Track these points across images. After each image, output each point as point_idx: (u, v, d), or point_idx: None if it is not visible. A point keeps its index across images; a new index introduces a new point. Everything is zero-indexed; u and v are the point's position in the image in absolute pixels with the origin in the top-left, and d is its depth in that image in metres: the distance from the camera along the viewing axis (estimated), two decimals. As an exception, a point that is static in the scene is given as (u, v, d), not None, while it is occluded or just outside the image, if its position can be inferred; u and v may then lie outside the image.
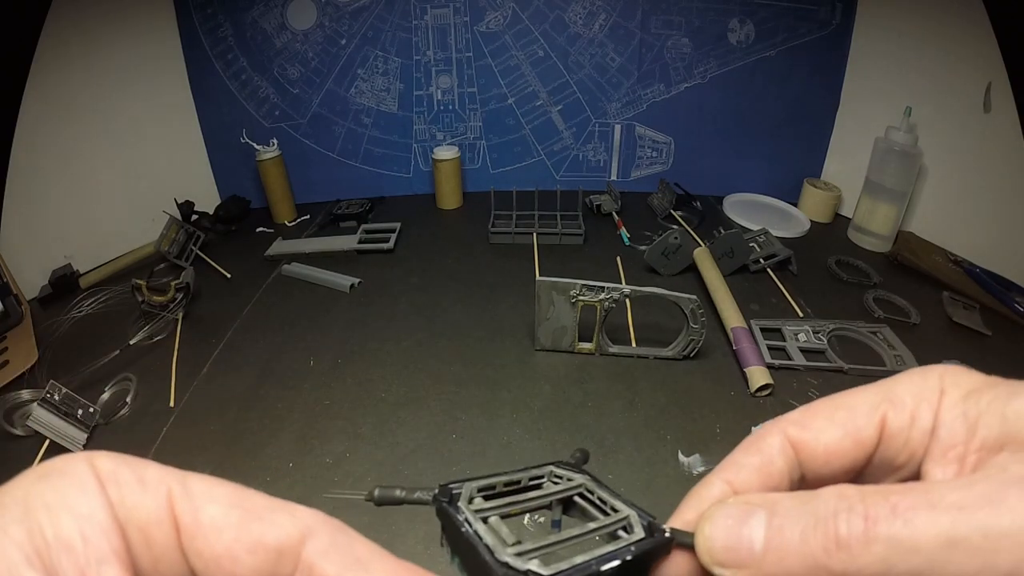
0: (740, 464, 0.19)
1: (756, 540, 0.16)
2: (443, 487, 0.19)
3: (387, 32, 0.99)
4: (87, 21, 0.82)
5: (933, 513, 0.14)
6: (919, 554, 0.13)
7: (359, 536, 0.15)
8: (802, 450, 0.18)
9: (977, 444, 0.16)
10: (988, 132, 0.79)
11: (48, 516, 0.12)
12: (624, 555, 0.17)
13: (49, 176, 0.83)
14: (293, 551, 0.14)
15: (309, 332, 0.73)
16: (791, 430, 0.18)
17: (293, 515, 0.15)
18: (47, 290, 0.82)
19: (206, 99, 0.98)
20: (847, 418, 0.18)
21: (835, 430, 0.18)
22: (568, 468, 0.21)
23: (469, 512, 0.18)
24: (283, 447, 0.56)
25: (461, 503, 0.18)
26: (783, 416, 0.19)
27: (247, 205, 1.01)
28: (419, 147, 1.09)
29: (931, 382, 0.17)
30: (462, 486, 0.19)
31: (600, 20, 0.99)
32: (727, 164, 1.08)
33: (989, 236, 0.82)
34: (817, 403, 0.19)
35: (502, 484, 0.20)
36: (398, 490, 0.20)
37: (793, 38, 0.97)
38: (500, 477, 0.20)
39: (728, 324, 0.69)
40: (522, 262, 0.87)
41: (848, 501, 0.15)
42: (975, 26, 0.77)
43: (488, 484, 0.20)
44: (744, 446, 0.19)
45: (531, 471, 0.21)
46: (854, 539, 0.14)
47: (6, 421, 0.58)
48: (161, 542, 0.13)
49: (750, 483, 0.18)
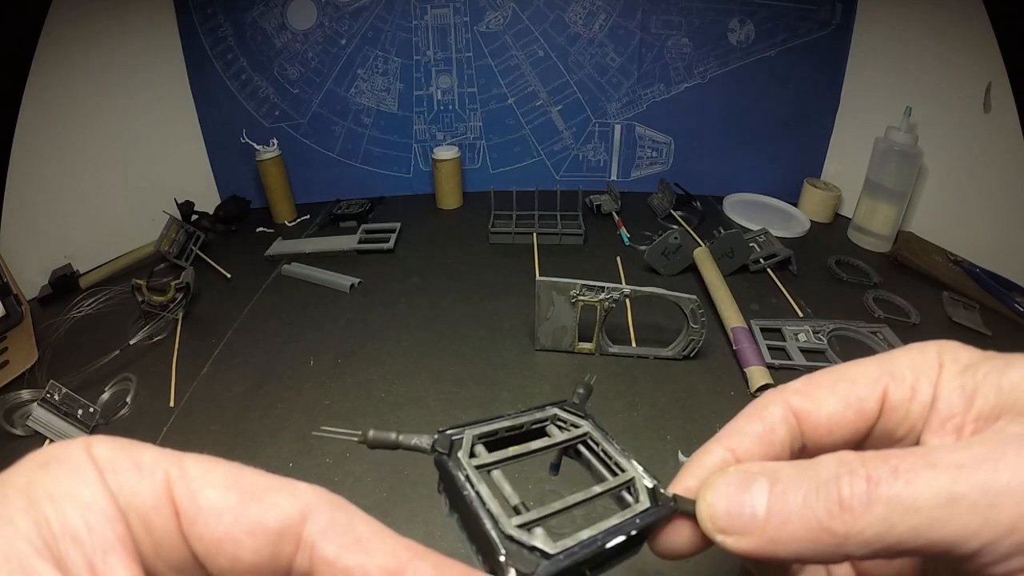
0: (742, 432, 0.19)
1: (759, 506, 0.16)
2: (442, 433, 0.18)
3: (387, 32, 0.99)
4: (87, 21, 0.82)
5: (933, 472, 0.14)
6: (920, 513, 0.14)
7: (359, 513, 0.15)
8: (804, 420, 0.18)
9: (974, 415, 0.16)
10: (988, 132, 0.79)
11: (53, 507, 0.12)
12: (629, 529, 0.17)
13: (49, 176, 0.83)
14: (294, 531, 0.14)
15: (309, 332, 0.73)
16: (794, 399, 0.18)
17: (292, 494, 0.15)
18: (47, 290, 0.82)
19: (206, 99, 0.98)
20: (849, 389, 0.18)
21: (837, 401, 0.18)
22: (572, 412, 0.21)
23: (470, 469, 0.17)
24: (283, 447, 0.56)
25: (461, 455, 0.18)
26: (785, 385, 0.19)
27: (247, 205, 1.01)
28: (419, 147, 1.09)
29: (930, 356, 0.17)
30: (462, 432, 0.18)
31: (600, 20, 0.99)
32: (727, 164, 1.08)
33: (989, 236, 0.82)
34: (819, 374, 0.19)
35: (504, 430, 0.19)
36: (394, 433, 0.19)
37: (793, 38, 0.97)
38: (503, 422, 0.19)
39: (728, 324, 0.69)
40: (522, 262, 0.87)
41: (849, 465, 0.15)
42: (975, 26, 0.77)
43: (489, 431, 0.19)
44: (746, 414, 0.19)
45: (534, 414, 0.20)
46: (856, 500, 0.14)
47: (6, 421, 0.58)
48: (161, 528, 0.13)
49: (751, 451, 0.18)
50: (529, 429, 0.20)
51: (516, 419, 0.20)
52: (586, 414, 0.21)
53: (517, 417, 0.20)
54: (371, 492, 0.51)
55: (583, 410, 0.21)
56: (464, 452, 0.18)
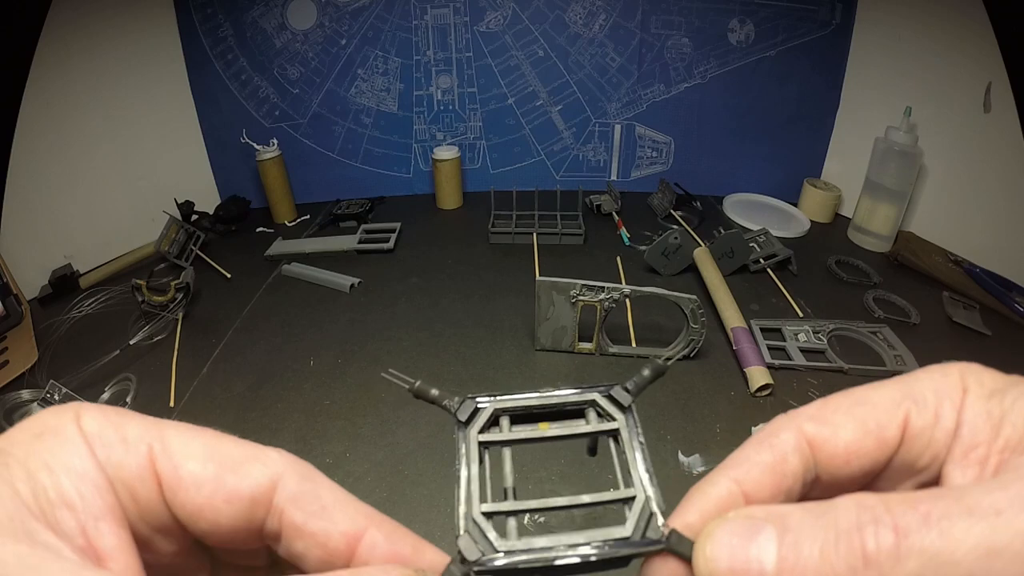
0: (751, 461, 0.17)
1: (767, 560, 0.14)
2: (470, 399, 0.19)
3: (387, 32, 0.99)
4: (87, 21, 0.82)
5: (969, 520, 0.12)
6: (959, 567, 0.12)
7: (325, 481, 0.17)
8: (820, 448, 0.17)
9: (1000, 445, 0.15)
10: (988, 132, 0.79)
11: (49, 476, 0.14)
12: (590, 555, 0.16)
13: (49, 176, 0.83)
14: (265, 498, 0.16)
15: (309, 332, 0.73)
16: (808, 426, 0.17)
17: (265, 464, 0.16)
18: (47, 290, 0.82)
19: (206, 99, 0.98)
20: (868, 415, 0.16)
21: (856, 427, 0.16)
22: (613, 400, 0.19)
23: (472, 443, 0.18)
24: (283, 447, 0.56)
25: (471, 429, 0.18)
26: (798, 410, 0.17)
27: (247, 205, 1.01)
28: (419, 147, 1.09)
29: (952, 380, 0.16)
30: (493, 401, 0.18)
31: (600, 20, 0.99)
32: (727, 164, 1.08)
33: (989, 236, 0.82)
34: (834, 397, 0.17)
35: (536, 408, 0.19)
36: (434, 390, 0.20)
37: (793, 38, 0.97)
38: (536, 399, 0.19)
39: (728, 324, 0.69)
40: (522, 262, 0.87)
41: (872, 512, 0.13)
42: (975, 26, 0.77)
43: (520, 406, 0.19)
44: (755, 441, 0.17)
45: (572, 396, 0.19)
46: (884, 554, 0.13)
47: (6, 421, 0.58)
48: (146, 496, 0.15)
49: (761, 482, 0.17)
50: (565, 410, 0.19)
51: (549, 398, 0.19)
52: (629, 406, 0.19)
53: (551, 396, 0.19)
54: (371, 492, 0.51)
55: (630, 398, 0.19)
56: (477, 425, 0.18)
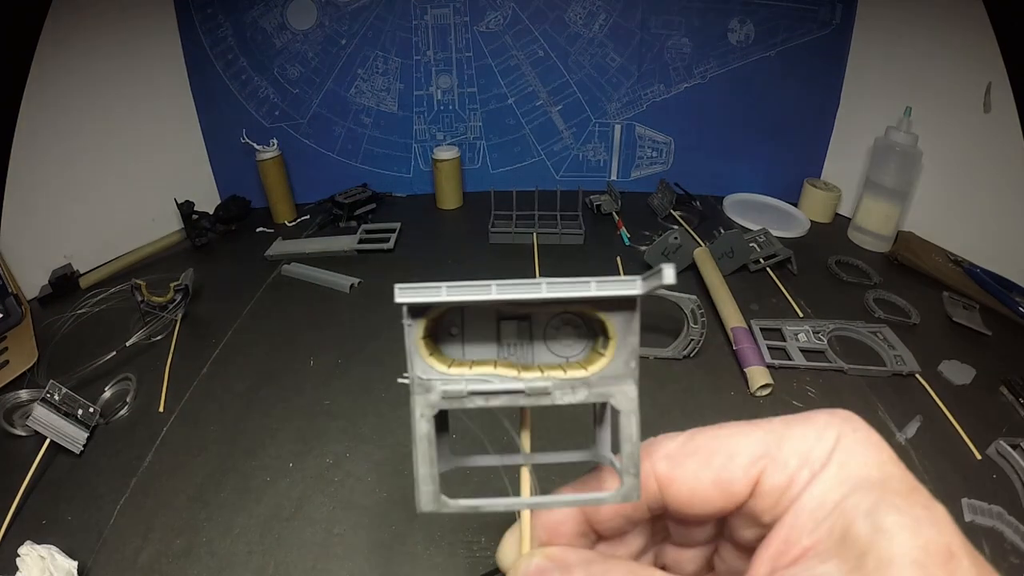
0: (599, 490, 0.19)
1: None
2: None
3: (387, 32, 0.99)
4: (87, 21, 0.82)
5: None
6: None
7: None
8: (667, 488, 0.18)
9: (807, 543, 0.15)
10: (988, 132, 0.79)
11: None
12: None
13: (49, 176, 0.83)
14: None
15: (309, 332, 0.73)
16: (660, 466, 0.18)
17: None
18: (47, 290, 0.82)
19: (206, 99, 0.98)
20: (722, 466, 0.17)
21: (707, 476, 0.17)
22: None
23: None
24: (283, 447, 0.56)
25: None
26: (658, 443, 0.18)
27: (247, 205, 1.01)
28: (419, 147, 1.09)
29: (824, 446, 0.16)
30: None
31: (600, 20, 0.99)
32: (727, 164, 1.08)
33: (989, 236, 0.82)
34: (701, 437, 0.18)
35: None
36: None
37: (793, 38, 0.97)
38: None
39: (728, 324, 0.69)
40: (522, 262, 0.87)
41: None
42: (975, 26, 0.77)
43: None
44: (607, 472, 0.19)
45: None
46: None
47: (6, 421, 0.58)
48: None
49: (607, 510, 0.19)
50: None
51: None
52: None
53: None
54: (371, 492, 0.51)
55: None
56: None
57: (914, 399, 0.60)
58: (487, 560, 0.45)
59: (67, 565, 0.42)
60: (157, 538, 0.47)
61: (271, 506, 0.50)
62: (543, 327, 0.19)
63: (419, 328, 0.17)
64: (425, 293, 0.16)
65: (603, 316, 0.17)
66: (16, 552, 0.42)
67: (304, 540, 0.47)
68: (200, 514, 0.49)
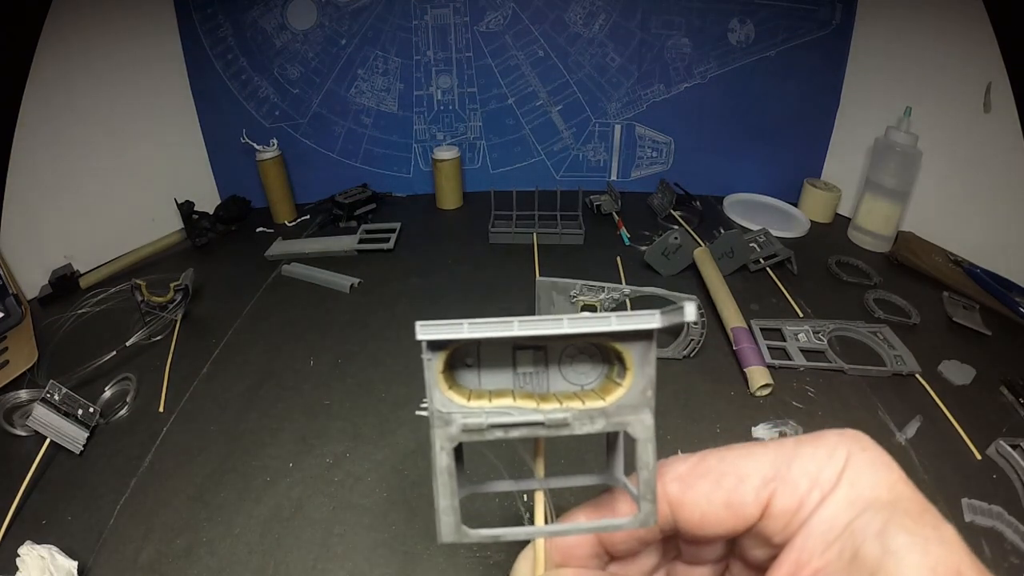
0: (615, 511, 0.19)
1: None
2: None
3: (387, 32, 0.99)
4: (87, 21, 0.82)
5: None
6: None
7: None
8: (678, 509, 0.18)
9: (817, 565, 0.15)
10: (988, 132, 0.79)
11: None
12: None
13: (49, 176, 0.83)
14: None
15: (309, 332, 0.73)
16: (672, 487, 0.18)
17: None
18: (47, 290, 0.82)
19: (206, 99, 0.98)
20: (733, 488, 0.17)
21: (718, 497, 0.17)
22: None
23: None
24: (283, 447, 0.56)
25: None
26: (669, 465, 0.19)
27: (247, 205, 1.01)
28: (419, 147, 1.09)
29: (834, 466, 0.16)
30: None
31: (600, 20, 0.99)
32: (727, 164, 1.08)
33: (989, 236, 0.82)
34: (710, 458, 0.18)
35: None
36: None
37: (793, 38, 0.97)
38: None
39: (728, 324, 0.69)
40: (522, 262, 0.87)
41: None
42: (975, 26, 0.77)
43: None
44: (620, 494, 0.19)
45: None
46: None
47: (6, 421, 0.58)
48: None
49: (621, 532, 0.19)
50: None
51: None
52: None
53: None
54: (371, 492, 0.51)
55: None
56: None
57: (914, 399, 0.60)
58: (487, 560, 0.45)
59: (67, 565, 0.42)
60: (157, 538, 0.47)
61: (271, 506, 0.50)
62: (558, 355, 0.19)
63: (439, 362, 0.17)
64: (447, 330, 0.16)
65: (620, 347, 0.18)
66: (16, 552, 0.42)
67: (304, 540, 0.47)
68: (200, 514, 0.49)
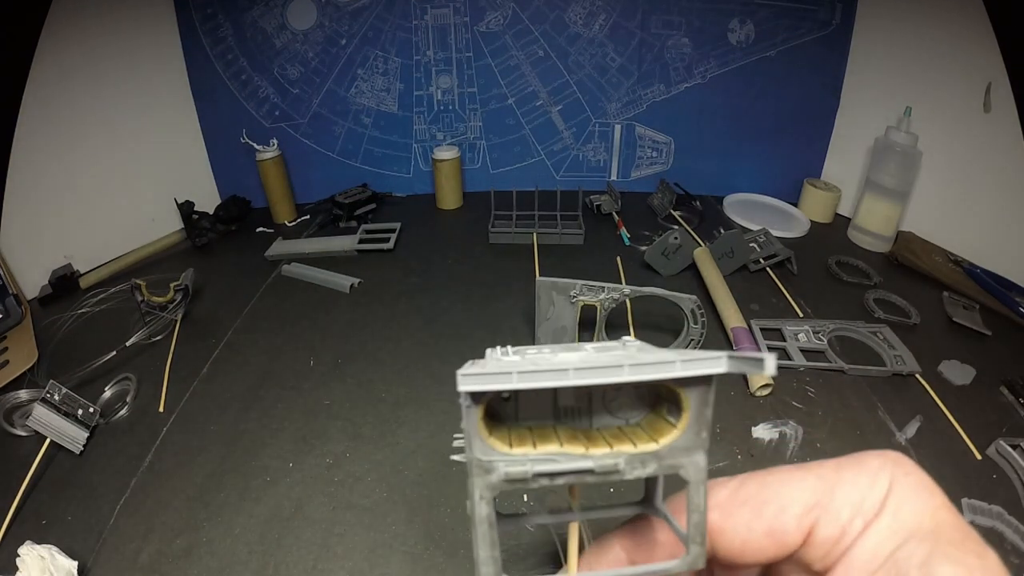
0: (647, 535, 0.19)
1: None
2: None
3: (387, 32, 0.99)
4: (87, 21, 0.82)
5: None
6: None
7: None
8: (718, 537, 0.17)
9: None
10: (988, 132, 0.79)
11: None
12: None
13: (49, 176, 0.83)
14: None
15: (309, 332, 0.73)
16: (712, 515, 0.17)
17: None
18: (47, 290, 0.82)
19: (206, 99, 0.98)
20: (775, 517, 0.17)
21: (759, 526, 0.17)
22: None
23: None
24: (283, 447, 0.56)
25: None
26: (708, 492, 0.18)
27: (247, 205, 1.01)
28: (419, 147, 1.09)
29: (877, 492, 0.16)
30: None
31: (600, 20, 0.99)
32: (727, 164, 1.08)
33: (989, 236, 0.82)
34: (749, 486, 0.17)
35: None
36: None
37: (793, 38, 0.97)
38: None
39: (728, 324, 0.69)
40: (522, 262, 0.87)
41: None
42: (975, 26, 0.77)
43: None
44: (657, 523, 0.19)
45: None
46: None
47: (6, 421, 0.58)
48: None
49: (649, 557, 0.18)
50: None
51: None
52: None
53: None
54: (371, 492, 0.51)
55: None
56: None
57: (914, 399, 0.60)
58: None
59: (67, 565, 0.42)
60: (157, 538, 0.47)
61: (271, 506, 0.50)
62: (602, 389, 0.18)
63: (479, 410, 0.16)
64: (493, 380, 0.15)
65: (679, 390, 0.16)
66: (16, 552, 0.42)
67: (304, 540, 0.47)
68: (200, 514, 0.49)
